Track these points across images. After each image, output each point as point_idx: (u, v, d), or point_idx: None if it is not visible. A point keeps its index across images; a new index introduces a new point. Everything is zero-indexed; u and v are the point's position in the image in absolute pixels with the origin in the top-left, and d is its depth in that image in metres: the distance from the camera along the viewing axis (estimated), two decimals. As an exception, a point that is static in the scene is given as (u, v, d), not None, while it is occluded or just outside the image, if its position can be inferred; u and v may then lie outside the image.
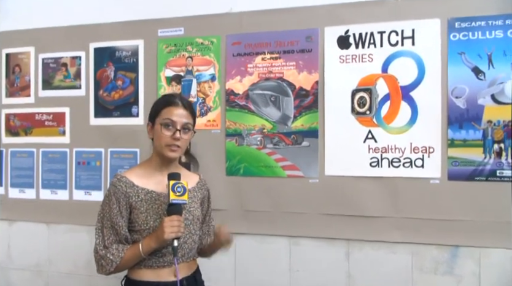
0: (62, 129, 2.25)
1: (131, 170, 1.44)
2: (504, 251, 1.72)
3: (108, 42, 2.17)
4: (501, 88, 1.72)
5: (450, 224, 1.76)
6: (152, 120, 1.41)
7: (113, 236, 1.34)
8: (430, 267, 1.79)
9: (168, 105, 1.39)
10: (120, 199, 1.34)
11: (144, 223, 1.35)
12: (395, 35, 1.82)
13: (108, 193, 1.37)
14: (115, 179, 1.37)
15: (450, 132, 1.76)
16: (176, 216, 1.30)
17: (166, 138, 1.36)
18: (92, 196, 2.19)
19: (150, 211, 1.36)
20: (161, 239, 1.29)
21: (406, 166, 1.81)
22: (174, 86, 2.08)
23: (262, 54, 1.97)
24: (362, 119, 1.86)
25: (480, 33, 1.75)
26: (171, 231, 1.28)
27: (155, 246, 1.32)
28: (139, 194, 1.36)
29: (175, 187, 1.31)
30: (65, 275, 2.24)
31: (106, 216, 1.35)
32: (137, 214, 1.35)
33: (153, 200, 1.37)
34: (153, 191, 1.38)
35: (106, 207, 1.36)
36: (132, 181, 1.37)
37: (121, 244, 1.35)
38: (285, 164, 1.94)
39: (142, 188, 1.37)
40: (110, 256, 1.32)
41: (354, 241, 1.87)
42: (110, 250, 1.33)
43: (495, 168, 1.73)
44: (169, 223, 1.29)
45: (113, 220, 1.34)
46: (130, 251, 1.33)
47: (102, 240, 1.35)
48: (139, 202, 1.35)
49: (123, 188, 1.35)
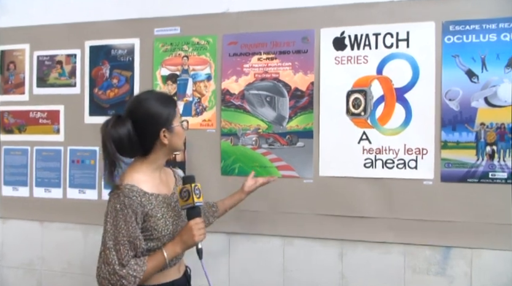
0: (56, 127, 2.24)
1: (132, 177, 1.31)
2: (496, 253, 1.74)
3: (104, 40, 2.16)
4: (494, 90, 1.74)
5: (442, 225, 1.77)
6: (168, 125, 1.34)
7: (131, 252, 1.25)
8: (422, 268, 1.81)
9: (175, 103, 1.42)
10: (137, 210, 1.26)
11: (165, 229, 1.31)
12: (390, 37, 1.84)
13: (120, 206, 1.24)
14: (125, 190, 1.26)
15: (443, 134, 1.78)
16: (200, 219, 1.32)
17: (184, 135, 1.41)
18: (86, 194, 2.18)
19: (166, 215, 1.33)
20: (189, 243, 1.30)
21: (399, 167, 1.82)
22: (169, 85, 2.08)
23: (258, 55, 1.98)
24: (357, 120, 1.87)
25: (474, 36, 1.76)
26: (200, 233, 1.30)
27: (180, 251, 1.32)
28: (151, 202, 1.30)
29: (195, 189, 1.31)
30: (58, 273, 2.23)
31: (121, 232, 1.23)
32: (155, 221, 1.29)
33: (162, 204, 1.34)
34: (159, 194, 1.35)
35: (120, 222, 1.24)
36: (142, 189, 1.29)
37: (138, 258, 1.26)
38: (280, 164, 1.95)
39: (151, 193, 1.31)
40: (132, 273, 1.23)
41: (348, 241, 1.88)
42: (129, 266, 1.23)
43: (487, 170, 1.75)
44: (196, 226, 1.29)
45: (132, 235, 1.24)
46: (152, 261, 1.28)
47: (119, 259, 1.23)
48: (153, 209, 1.30)
49: (138, 198, 1.27)
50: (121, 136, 1.30)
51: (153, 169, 1.37)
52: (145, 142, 1.34)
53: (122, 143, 1.30)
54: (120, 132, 1.30)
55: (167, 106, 1.36)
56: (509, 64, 1.73)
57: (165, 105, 1.36)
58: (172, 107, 1.37)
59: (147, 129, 1.33)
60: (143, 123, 1.32)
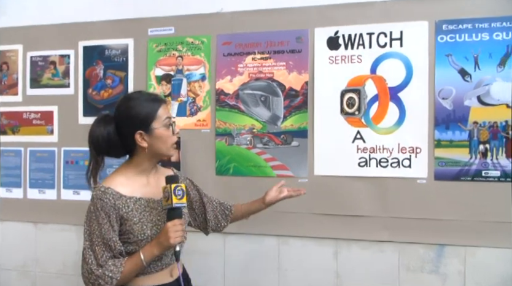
0: (50, 128, 2.23)
1: (111, 179, 1.30)
2: (490, 251, 1.75)
3: (98, 40, 2.16)
4: (486, 89, 1.76)
5: (436, 223, 1.78)
6: (145, 127, 1.29)
7: (107, 252, 1.24)
8: (416, 266, 1.82)
9: (160, 105, 1.33)
10: (110, 213, 1.24)
11: (141, 233, 1.28)
12: (384, 36, 1.85)
13: (93, 208, 1.25)
14: (98, 192, 1.25)
15: (437, 132, 1.79)
16: (178, 221, 1.27)
17: (171, 138, 1.33)
18: (80, 195, 2.17)
19: (144, 220, 1.29)
20: (165, 245, 1.25)
21: (393, 166, 1.83)
22: (164, 85, 2.08)
23: (252, 54, 1.98)
24: (351, 119, 1.88)
25: (467, 35, 1.78)
26: (176, 236, 1.24)
27: (158, 253, 1.28)
28: (128, 205, 1.28)
29: (176, 190, 1.26)
30: (52, 275, 2.22)
31: (95, 233, 1.24)
32: (131, 225, 1.27)
33: (143, 208, 1.30)
34: (141, 198, 1.31)
35: (94, 224, 1.25)
36: (118, 191, 1.27)
37: (116, 259, 1.26)
38: (275, 163, 1.95)
39: (129, 197, 1.29)
40: (108, 274, 1.22)
41: (342, 240, 1.89)
42: (106, 267, 1.23)
43: (480, 168, 1.76)
44: (173, 228, 1.24)
45: (105, 236, 1.23)
46: (129, 263, 1.26)
47: (95, 259, 1.23)
48: (130, 212, 1.27)
49: (111, 201, 1.25)
50: (97, 135, 1.30)
51: (138, 172, 1.34)
52: (125, 143, 1.32)
53: (98, 142, 1.30)
54: (98, 132, 1.31)
55: (148, 107, 1.31)
56: (502, 63, 1.74)
57: (145, 105, 1.31)
58: (153, 108, 1.31)
59: (123, 130, 1.31)
60: (122, 124, 1.31)
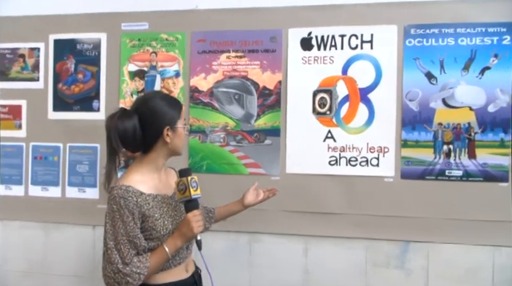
0: (18, 123, 2.17)
1: (129, 178, 1.32)
2: (451, 246, 1.84)
3: (69, 34, 2.11)
4: (451, 92, 1.83)
5: (402, 220, 1.85)
6: (172, 124, 1.35)
7: (132, 250, 1.26)
8: (382, 262, 1.88)
9: (181, 106, 1.41)
10: (134, 211, 1.26)
11: (163, 229, 1.32)
12: (355, 38, 1.89)
13: (117, 207, 1.26)
14: (120, 191, 1.27)
15: (403, 133, 1.86)
16: (197, 211, 1.32)
17: (185, 138, 1.42)
18: (49, 191, 2.12)
19: (165, 215, 1.34)
20: (189, 236, 1.30)
21: (362, 164, 1.89)
22: (137, 81, 2.06)
23: (227, 53, 1.99)
24: (322, 119, 1.92)
25: (433, 40, 1.85)
26: (198, 225, 1.30)
27: (181, 244, 1.32)
28: (148, 202, 1.31)
29: (192, 182, 1.32)
30: (19, 273, 2.16)
31: (120, 232, 1.25)
32: (153, 222, 1.30)
33: (160, 204, 1.34)
34: (158, 194, 1.35)
35: (118, 223, 1.25)
36: (138, 189, 1.30)
37: (140, 255, 1.28)
38: (248, 161, 1.97)
39: (148, 194, 1.32)
40: (136, 270, 1.25)
41: (312, 237, 1.93)
42: (133, 264, 1.25)
43: (444, 168, 1.84)
44: (194, 219, 1.30)
45: (131, 234, 1.26)
46: (154, 258, 1.29)
47: (121, 258, 1.25)
48: (151, 209, 1.31)
49: (134, 199, 1.27)
50: (126, 128, 1.31)
51: (152, 170, 1.37)
52: (149, 138, 1.34)
53: (126, 135, 1.31)
54: (126, 125, 1.31)
55: (173, 107, 1.38)
56: (466, 67, 1.82)
57: (171, 105, 1.38)
58: (177, 108, 1.38)
59: (151, 125, 1.34)
60: (149, 119, 1.34)
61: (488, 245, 1.81)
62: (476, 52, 1.81)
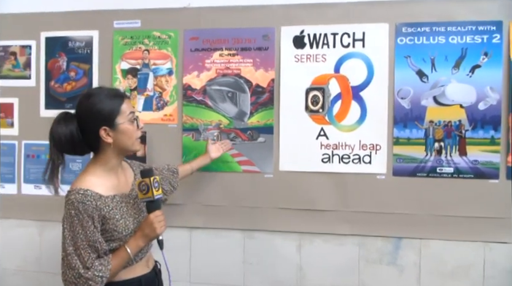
0: (10, 121, 2.15)
1: (85, 180, 1.29)
2: (442, 242, 1.86)
3: (61, 31, 2.09)
4: (442, 90, 1.85)
5: (394, 217, 1.87)
6: (109, 123, 1.30)
7: (93, 254, 1.25)
8: (375, 258, 1.90)
9: (122, 99, 1.33)
10: (93, 215, 1.24)
11: (125, 229, 1.31)
12: (347, 37, 1.90)
13: (75, 212, 1.23)
14: (78, 195, 1.24)
15: (395, 130, 1.87)
16: (159, 212, 1.32)
17: (136, 132, 1.35)
18: (42, 190, 2.12)
19: (125, 215, 1.33)
20: (151, 236, 1.31)
21: (355, 162, 1.90)
22: (129, 79, 2.05)
23: (220, 50, 1.99)
24: (315, 117, 1.93)
25: (424, 38, 1.86)
26: (160, 226, 1.31)
27: (143, 244, 1.32)
28: (108, 204, 1.29)
29: (154, 183, 1.31)
30: (12, 271, 2.16)
31: (80, 237, 1.23)
32: (114, 223, 1.29)
33: (120, 204, 1.33)
34: (116, 195, 1.33)
35: (77, 228, 1.23)
36: (97, 192, 1.27)
37: (101, 258, 1.26)
38: (241, 159, 1.98)
39: (106, 196, 1.30)
40: (98, 274, 1.23)
41: (306, 234, 1.94)
42: (94, 267, 1.23)
43: (435, 165, 1.86)
44: (156, 219, 1.30)
45: (91, 238, 1.24)
46: (116, 259, 1.28)
47: (82, 263, 1.23)
48: (111, 211, 1.29)
49: (93, 203, 1.25)
50: (60, 134, 1.28)
51: (107, 170, 1.34)
52: (89, 140, 1.32)
53: (61, 142, 1.29)
54: (60, 131, 1.28)
55: (110, 102, 1.31)
56: (456, 65, 1.84)
57: (108, 101, 1.31)
58: (116, 103, 1.31)
59: (87, 127, 1.30)
60: (85, 120, 1.31)
61: (479, 241, 1.83)
62: (466, 50, 1.83)
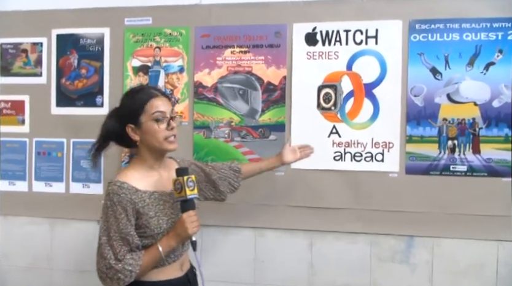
0: (21, 118, 2.16)
1: (125, 174, 1.32)
2: (454, 241, 1.84)
3: (72, 28, 2.10)
4: (456, 88, 1.83)
5: (406, 215, 1.86)
6: (134, 121, 1.32)
7: (125, 247, 1.26)
8: (387, 256, 1.89)
9: (149, 98, 1.33)
10: (127, 207, 1.26)
11: (157, 227, 1.30)
12: (360, 34, 1.89)
13: (110, 203, 1.26)
14: (114, 187, 1.26)
15: (408, 128, 1.86)
16: (193, 212, 1.30)
17: (163, 132, 1.32)
18: (53, 187, 2.12)
19: (159, 213, 1.32)
20: (183, 236, 1.29)
21: (367, 160, 1.89)
22: (141, 77, 2.05)
23: (231, 48, 1.98)
24: (327, 114, 1.92)
25: (438, 35, 1.84)
26: (193, 226, 1.28)
27: (175, 245, 1.31)
28: (144, 199, 1.30)
29: (188, 182, 1.29)
30: (23, 269, 2.16)
31: (113, 228, 1.25)
32: (147, 220, 1.29)
33: (157, 202, 1.33)
34: (155, 192, 1.33)
35: (111, 219, 1.25)
36: (134, 186, 1.29)
37: (134, 253, 1.27)
38: (252, 157, 1.97)
39: (144, 191, 1.31)
40: (128, 267, 1.24)
41: (317, 232, 1.93)
42: (125, 261, 1.25)
43: (448, 163, 1.84)
44: (189, 219, 1.28)
45: (123, 231, 1.25)
46: (147, 256, 1.28)
47: (114, 254, 1.24)
48: (146, 207, 1.29)
49: (127, 196, 1.26)
50: (106, 128, 1.38)
51: (147, 167, 1.36)
52: (127, 136, 1.35)
53: (105, 132, 1.38)
54: (107, 124, 1.39)
55: (137, 101, 1.33)
56: (470, 63, 1.82)
57: (135, 99, 1.33)
58: (141, 101, 1.32)
59: (120, 123, 1.35)
60: (118, 117, 1.37)
61: (492, 240, 1.82)
62: (480, 47, 1.81)
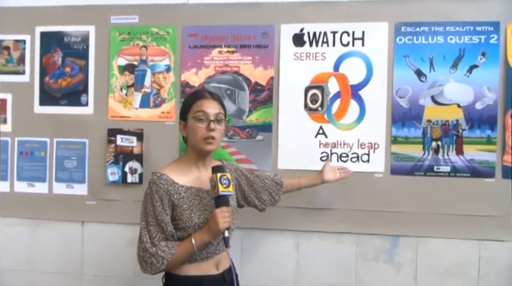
0: (3, 117, 2.11)
1: (168, 167, 1.41)
2: (439, 241, 1.87)
3: (57, 26, 2.06)
4: (440, 90, 1.86)
5: (391, 215, 1.88)
6: (183, 117, 1.43)
7: (160, 234, 1.33)
8: (372, 256, 1.91)
9: (197, 98, 1.41)
10: (163, 197, 1.33)
11: (189, 220, 1.35)
12: (347, 35, 1.90)
13: (149, 191, 1.35)
14: (154, 177, 1.36)
15: (393, 129, 1.88)
16: (226, 208, 1.33)
17: (202, 131, 1.37)
18: (36, 187, 2.08)
19: (193, 208, 1.37)
20: (214, 230, 1.32)
21: (353, 160, 1.91)
22: (126, 76, 2.03)
23: (219, 47, 1.98)
24: (314, 115, 1.93)
25: (423, 38, 1.87)
26: (224, 221, 1.31)
27: (208, 239, 1.34)
28: (179, 192, 1.36)
29: (222, 179, 1.33)
30: (5, 271, 2.11)
31: (150, 214, 1.33)
32: (181, 212, 1.35)
33: (193, 197, 1.38)
34: (192, 187, 1.39)
35: (149, 206, 1.34)
36: (172, 178, 1.36)
37: (169, 241, 1.34)
38: (240, 157, 1.97)
39: (181, 185, 1.37)
40: (161, 254, 1.31)
41: (303, 232, 1.94)
42: (159, 247, 1.31)
43: (432, 164, 1.87)
44: (221, 214, 1.31)
45: (159, 218, 1.33)
46: (181, 247, 1.33)
47: (150, 238, 1.32)
48: (181, 199, 1.35)
49: (164, 186, 1.34)
50: None
51: (189, 163, 1.42)
52: None
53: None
54: None
55: (189, 99, 1.45)
56: (454, 65, 1.86)
57: (188, 99, 1.47)
58: (192, 100, 1.42)
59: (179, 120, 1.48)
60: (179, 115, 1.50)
61: (475, 239, 1.86)
62: (464, 50, 1.85)
